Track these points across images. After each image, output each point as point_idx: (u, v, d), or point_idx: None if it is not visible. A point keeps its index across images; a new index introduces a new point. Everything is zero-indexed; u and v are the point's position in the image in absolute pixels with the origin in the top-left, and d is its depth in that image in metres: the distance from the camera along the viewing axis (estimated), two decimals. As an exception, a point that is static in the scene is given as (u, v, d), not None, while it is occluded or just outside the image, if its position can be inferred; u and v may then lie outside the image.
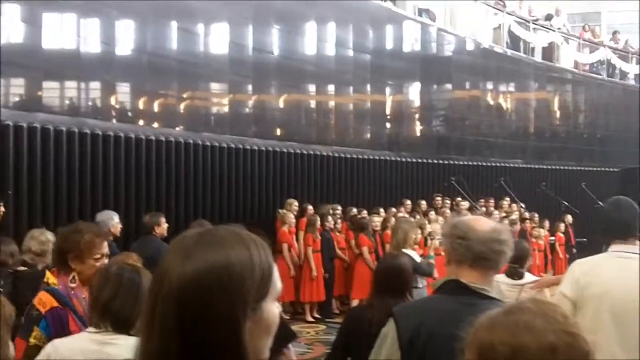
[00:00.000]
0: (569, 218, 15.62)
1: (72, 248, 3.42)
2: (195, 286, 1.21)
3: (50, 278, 3.54)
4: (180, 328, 1.20)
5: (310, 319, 11.42)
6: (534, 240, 14.25)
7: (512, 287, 5.64)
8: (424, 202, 13.67)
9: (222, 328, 1.20)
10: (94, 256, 3.42)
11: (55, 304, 3.28)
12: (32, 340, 3.21)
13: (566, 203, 16.25)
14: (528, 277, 5.83)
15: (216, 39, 11.81)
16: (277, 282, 1.30)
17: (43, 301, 3.30)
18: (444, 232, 2.79)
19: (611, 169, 18.49)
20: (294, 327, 10.72)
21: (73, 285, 3.37)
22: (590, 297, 3.51)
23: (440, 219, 12.61)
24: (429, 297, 2.78)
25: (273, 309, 1.30)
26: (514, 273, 5.80)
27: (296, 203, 11.75)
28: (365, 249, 11.52)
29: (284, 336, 3.52)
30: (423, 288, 7.35)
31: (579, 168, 18.88)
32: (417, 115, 16.01)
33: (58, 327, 3.23)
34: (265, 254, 1.28)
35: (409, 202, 13.42)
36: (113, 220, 7.66)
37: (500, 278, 5.93)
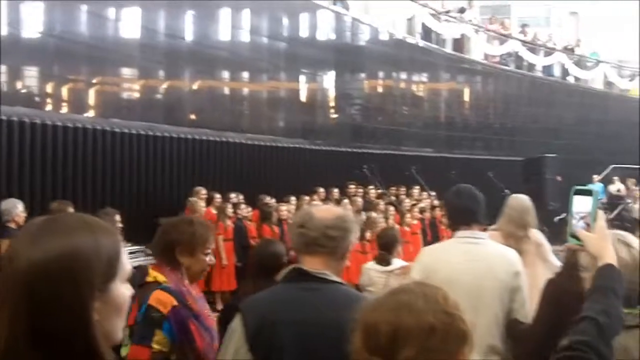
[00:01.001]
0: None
1: (182, 241, 3.15)
2: (42, 271, 1.25)
3: (158, 276, 3.18)
4: (28, 312, 1.25)
5: (221, 308, 11.50)
6: (443, 227, 14.67)
7: (381, 274, 5.79)
8: (336, 190, 13.84)
9: (69, 311, 1.25)
10: (205, 250, 3.19)
11: (175, 302, 3.00)
12: (155, 347, 2.94)
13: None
14: (396, 263, 5.95)
15: (127, 24, 11.68)
16: (126, 265, 1.36)
17: (163, 301, 2.98)
18: (293, 221, 2.80)
19: (518, 159, 19.19)
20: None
21: (185, 282, 3.11)
22: (439, 283, 3.63)
23: (351, 206, 12.85)
24: (273, 287, 2.70)
25: (122, 290, 1.35)
26: (383, 259, 5.97)
27: (204, 191, 11.65)
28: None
29: None
30: None
31: (487, 157, 19.45)
32: (331, 104, 16.21)
33: (181, 329, 2.98)
34: (112, 239, 1.33)
35: (322, 190, 13.53)
36: (17, 209, 7.53)
37: (370, 265, 6.23)
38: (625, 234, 2.61)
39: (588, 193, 2.15)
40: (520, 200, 4.95)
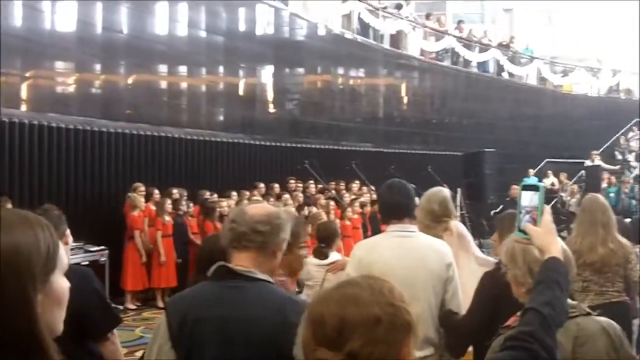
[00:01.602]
0: (416, 200, 16.45)
1: None
2: None
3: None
4: None
5: (161, 305, 11.41)
6: (383, 221, 14.98)
7: (319, 267, 5.81)
8: (277, 185, 13.97)
9: (14, 305, 1.27)
10: (300, 245, 3.33)
11: None
12: None
13: (414, 186, 17.04)
14: (333, 257, 6.00)
15: (63, 16, 11.54)
16: (63, 257, 1.42)
17: None
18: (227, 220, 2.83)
19: (455, 153, 19.61)
20: (146, 314, 10.88)
21: (282, 278, 3.22)
22: None
23: (292, 201, 13.02)
24: (199, 284, 2.77)
25: (62, 282, 1.39)
26: (321, 253, 6.00)
27: (143, 187, 11.67)
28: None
29: (109, 321, 3.70)
30: None
31: (425, 152, 19.84)
32: (270, 99, 16.28)
33: None
34: (50, 233, 1.37)
35: (262, 185, 13.64)
36: (-47, 204, 7.43)
37: (309, 259, 6.12)
38: None
39: (535, 188, 2.24)
40: (438, 193, 5.04)
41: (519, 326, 1.98)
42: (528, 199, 2.23)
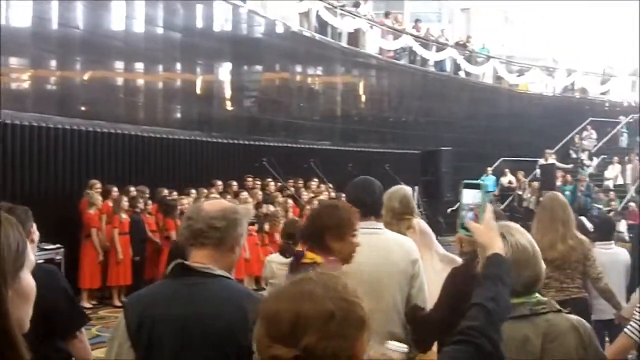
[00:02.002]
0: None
1: (331, 226, 3.30)
2: None
3: (315, 257, 3.28)
4: None
5: (118, 303, 11.46)
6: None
7: (282, 266, 5.84)
8: (235, 183, 14.05)
9: None
10: (353, 233, 3.33)
11: None
12: None
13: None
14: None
15: (18, 12, 11.45)
16: (30, 254, 1.46)
17: None
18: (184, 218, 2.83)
19: (412, 151, 19.87)
20: (102, 312, 10.91)
21: (332, 257, 3.26)
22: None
23: (251, 199, 13.15)
24: (157, 282, 2.82)
25: (29, 279, 1.42)
26: (287, 250, 6.08)
27: (99, 184, 11.70)
28: (172, 233, 11.72)
29: (77, 319, 3.72)
30: None
31: (383, 150, 20.04)
32: (228, 96, 16.33)
33: None
34: (19, 231, 1.39)
35: (220, 182, 13.73)
36: None
37: (273, 257, 6.36)
38: (509, 225, 2.78)
39: (477, 186, 2.31)
40: (399, 190, 5.11)
41: (466, 321, 2.02)
42: (470, 197, 2.28)
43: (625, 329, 3.58)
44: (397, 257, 3.89)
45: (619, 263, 6.45)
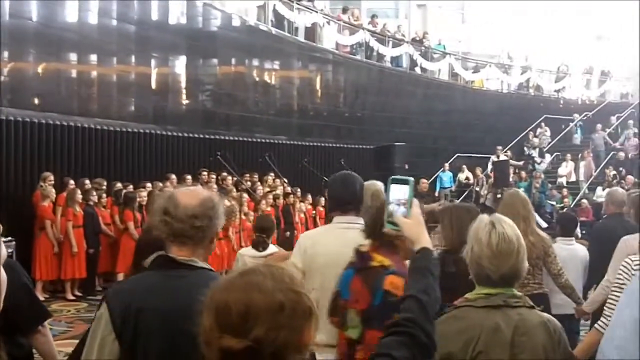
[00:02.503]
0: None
1: None
2: None
3: (384, 260, 3.29)
4: None
5: (71, 296, 11.59)
6: (295, 213, 15.41)
7: (255, 259, 5.92)
8: (189, 177, 14.12)
9: None
10: None
11: None
12: None
13: (326, 178, 17.48)
14: (271, 249, 6.20)
15: (-30, 3, 11.43)
16: (2, 248, 1.50)
17: (397, 285, 3.08)
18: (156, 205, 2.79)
19: (368, 147, 20.07)
20: (55, 306, 10.99)
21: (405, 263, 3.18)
22: (317, 267, 3.77)
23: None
24: (140, 274, 2.76)
25: (2, 273, 1.52)
26: (260, 243, 6.19)
27: (52, 177, 11.72)
28: (130, 224, 11.87)
29: (39, 314, 3.72)
30: None
31: (338, 145, 20.25)
32: (183, 89, 16.37)
33: None
34: None
35: (174, 176, 13.79)
36: None
37: (246, 250, 6.41)
38: (503, 218, 2.83)
39: (405, 182, 2.33)
40: (371, 185, 5.10)
41: (401, 312, 2.06)
42: (398, 192, 2.32)
43: (596, 325, 3.78)
44: None
45: (578, 259, 6.49)
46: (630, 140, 23.48)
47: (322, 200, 16.60)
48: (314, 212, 16.45)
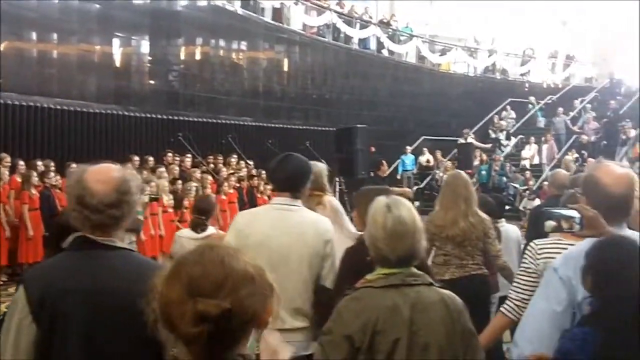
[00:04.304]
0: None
1: None
2: None
3: None
4: None
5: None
6: (259, 195, 15.23)
7: (194, 240, 5.84)
8: (151, 158, 13.92)
9: None
10: None
11: None
12: None
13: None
14: (209, 231, 6.11)
15: None
16: None
17: None
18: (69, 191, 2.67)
19: (334, 129, 19.94)
20: (12, 289, 10.69)
21: None
22: (250, 246, 3.67)
23: (167, 175, 13.05)
24: (58, 256, 2.64)
25: None
26: (199, 225, 6.10)
27: (9, 159, 11.46)
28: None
29: None
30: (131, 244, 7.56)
31: (305, 127, 20.12)
32: (146, 70, 16.13)
33: None
34: None
35: (137, 158, 13.61)
36: None
37: (184, 232, 6.32)
38: (399, 200, 2.89)
39: None
40: (312, 166, 4.96)
41: None
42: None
43: (502, 308, 3.72)
44: (310, 236, 3.88)
45: (510, 239, 6.61)
46: (589, 124, 23.62)
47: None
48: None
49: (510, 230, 6.75)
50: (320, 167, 5.39)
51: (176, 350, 2.28)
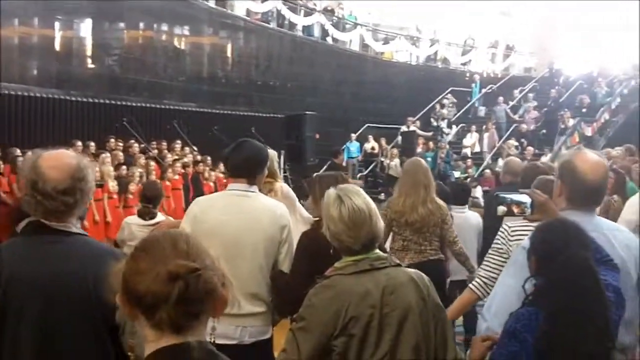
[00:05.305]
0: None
1: None
2: None
3: None
4: None
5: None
6: (205, 182, 15.14)
7: (142, 227, 5.87)
8: (93, 144, 13.71)
9: None
10: None
11: None
12: None
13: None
14: (159, 217, 6.11)
15: None
16: None
17: None
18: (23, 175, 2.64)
19: (279, 116, 19.96)
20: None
21: None
22: (205, 233, 3.67)
23: (110, 160, 12.86)
24: (10, 241, 2.62)
25: None
26: (147, 213, 6.08)
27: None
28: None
29: None
30: None
31: (250, 114, 20.05)
32: (89, 53, 15.84)
33: None
34: None
35: (79, 143, 13.34)
36: None
37: (132, 219, 6.29)
38: (346, 188, 2.95)
39: None
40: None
41: None
42: None
43: (470, 285, 3.86)
44: (265, 222, 3.91)
45: (471, 226, 6.78)
46: (530, 113, 24.10)
47: (233, 168, 16.38)
48: (224, 180, 16.18)
49: (471, 216, 6.90)
50: (271, 153, 5.38)
51: (134, 341, 2.33)
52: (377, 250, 2.86)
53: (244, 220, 3.86)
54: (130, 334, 2.44)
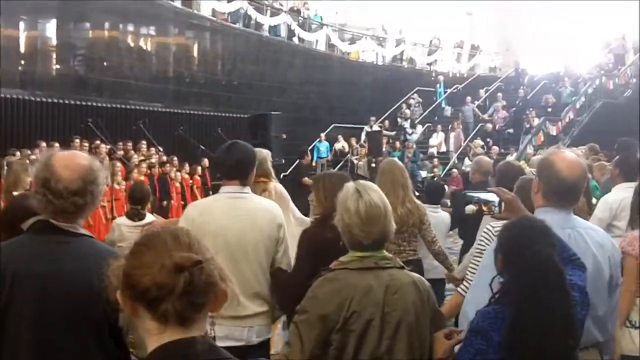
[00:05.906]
0: (206, 162, 16.76)
1: None
2: None
3: None
4: None
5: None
6: (172, 182, 15.20)
7: (132, 229, 5.90)
8: (57, 145, 13.64)
9: None
10: None
11: None
12: None
13: (203, 147, 17.40)
14: (148, 218, 6.14)
15: None
16: None
17: None
18: (35, 172, 2.67)
19: (245, 116, 19.98)
20: None
21: None
22: (206, 236, 3.70)
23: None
24: (17, 238, 2.62)
25: None
26: (136, 214, 6.13)
27: None
28: (-5, 192, 11.33)
29: None
30: None
31: (216, 114, 20.09)
32: (53, 54, 15.78)
33: None
34: None
35: (44, 144, 13.33)
36: None
37: (122, 220, 6.32)
38: (366, 184, 2.96)
39: None
40: (257, 153, 4.96)
41: None
42: None
43: (458, 288, 4.00)
44: (263, 222, 3.99)
45: (444, 226, 6.84)
46: (498, 113, 24.36)
47: (199, 169, 16.47)
48: (191, 181, 16.26)
49: (444, 216, 6.93)
50: (265, 153, 5.45)
51: (134, 337, 2.41)
52: (385, 252, 2.90)
53: (242, 221, 3.94)
54: (131, 330, 2.52)
